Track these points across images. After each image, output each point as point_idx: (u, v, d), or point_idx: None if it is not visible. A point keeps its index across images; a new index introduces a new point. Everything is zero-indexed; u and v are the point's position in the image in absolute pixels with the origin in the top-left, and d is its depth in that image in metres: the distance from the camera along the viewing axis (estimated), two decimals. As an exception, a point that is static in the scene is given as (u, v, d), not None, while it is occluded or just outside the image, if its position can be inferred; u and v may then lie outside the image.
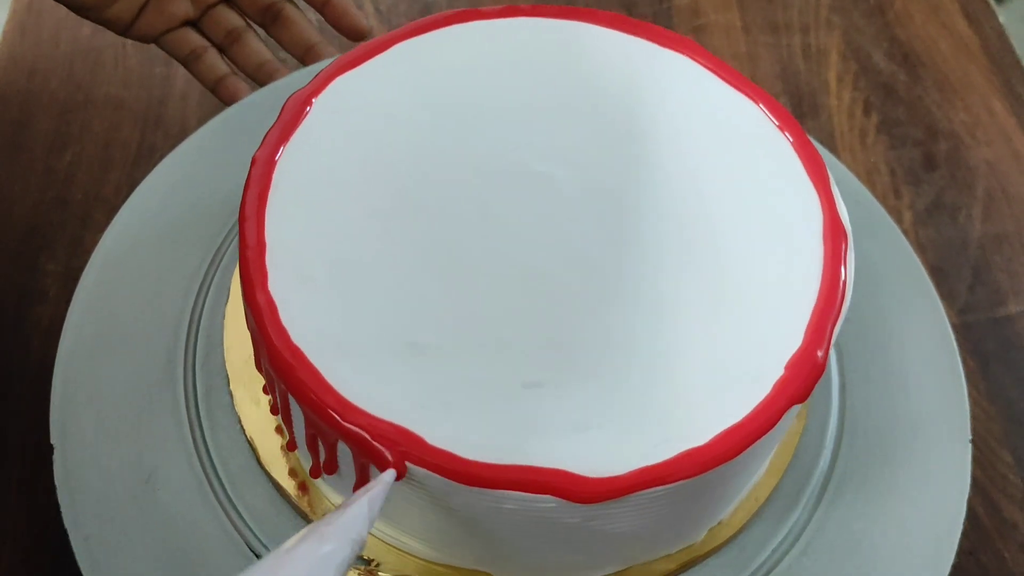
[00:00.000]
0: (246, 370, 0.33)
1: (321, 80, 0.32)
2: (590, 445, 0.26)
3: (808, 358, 0.27)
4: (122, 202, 0.37)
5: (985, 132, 0.53)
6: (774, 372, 0.27)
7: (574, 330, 0.28)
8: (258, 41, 0.47)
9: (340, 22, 0.47)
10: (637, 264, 0.29)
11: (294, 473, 0.32)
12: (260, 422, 0.32)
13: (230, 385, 0.33)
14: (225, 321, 0.34)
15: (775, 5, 0.58)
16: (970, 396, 0.35)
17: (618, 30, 0.34)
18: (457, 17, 0.34)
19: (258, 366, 0.30)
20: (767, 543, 0.32)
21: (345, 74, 0.32)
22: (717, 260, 0.29)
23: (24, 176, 0.48)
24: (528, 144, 0.31)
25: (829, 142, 0.52)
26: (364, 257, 0.28)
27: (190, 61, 0.47)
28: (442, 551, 0.30)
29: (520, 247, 0.29)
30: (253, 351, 0.30)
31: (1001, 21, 0.58)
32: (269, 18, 0.47)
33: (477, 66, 0.33)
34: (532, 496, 0.25)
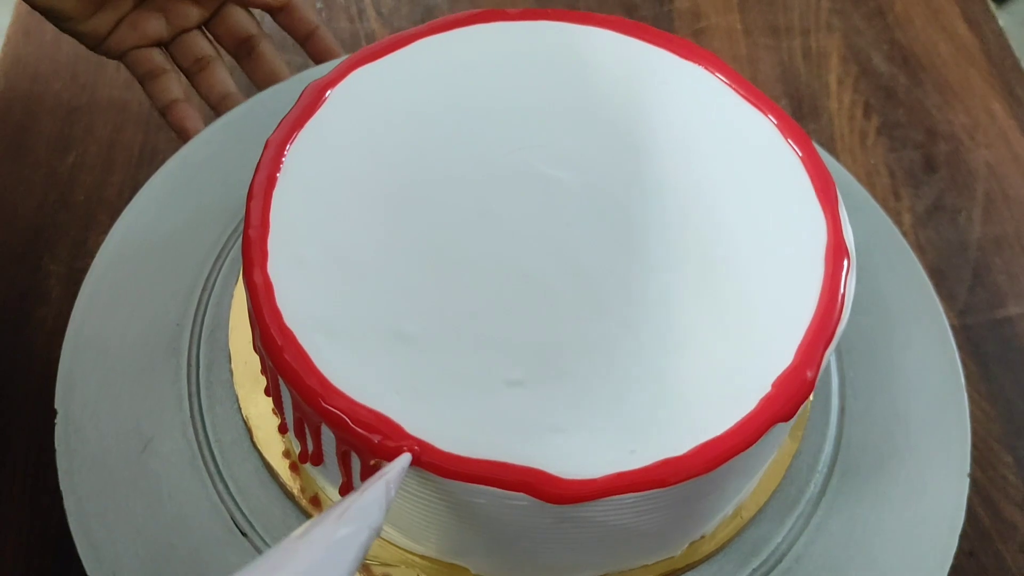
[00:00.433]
0: (248, 350, 0.33)
1: (341, 70, 0.32)
2: (566, 447, 0.26)
3: (797, 377, 0.27)
4: (125, 204, 0.37)
5: (985, 134, 0.53)
6: (761, 388, 0.27)
7: (562, 332, 0.28)
8: (225, 72, 0.47)
9: (321, 57, 0.47)
10: (633, 271, 0.29)
11: (287, 454, 0.32)
12: (257, 402, 0.33)
13: (231, 363, 0.34)
14: (233, 300, 0.35)
15: (776, 8, 0.58)
16: (970, 397, 0.35)
17: (634, 37, 0.34)
18: (481, 17, 0.34)
19: (255, 345, 0.30)
20: (766, 543, 0.32)
21: (365, 66, 0.33)
22: (715, 271, 0.29)
23: (27, 178, 0.49)
24: (537, 146, 0.31)
25: (829, 144, 0.52)
26: (364, 246, 0.29)
27: (146, 80, 0.46)
28: (420, 542, 0.30)
29: (518, 248, 0.29)
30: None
31: (1001, 24, 0.58)
32: (244, 51, 0.47)
33: (494, 66, 0.33)
34: (504, 492, 0.25)
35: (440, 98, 0.32)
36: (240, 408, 0.33)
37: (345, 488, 0.29)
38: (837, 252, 0.29)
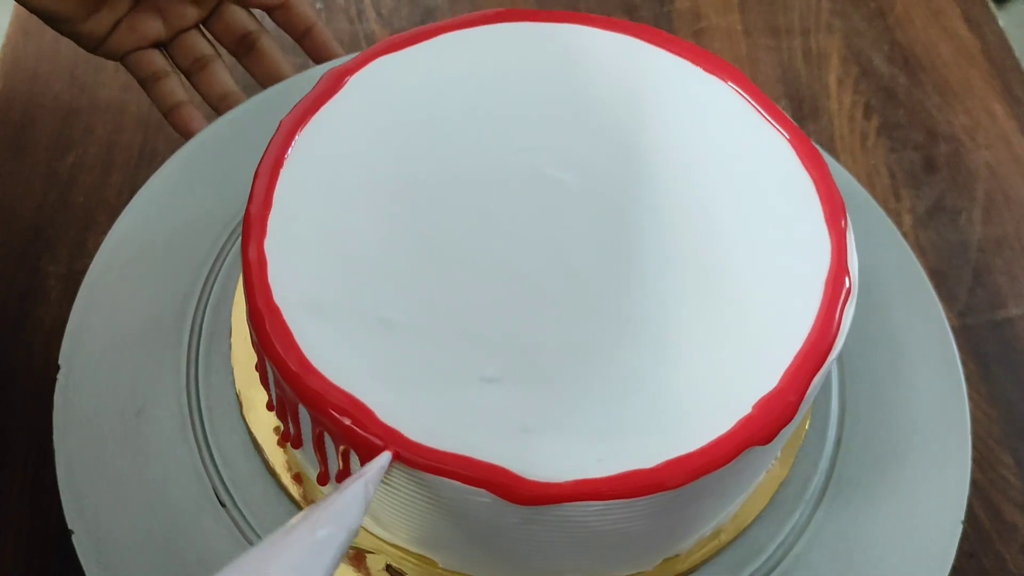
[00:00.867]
0: (246, 325, 0.34)
1: (362, 59, 0.33)
2: (535, 448, 0.26)
3: (779, 402, 0.26)
4: (124, 205, 0.37)
5: (985, 135, 0.53)
6: (741, 409, 0.26)
7: (546, 333, 0.28)
8: (225, 71, 0.47)
9: (319, 54, 0.47)
10: (627, 278, 0.29)
11: (277, 431, 0.32)
12: (251, 377, 0.33)
13: (231, 336, 0.34)
14: (241, 275, 0.35)
15: (776, 8, 0.58)
16: (970, 398, 0.35)
17: (657, 46, 0.34)
18: (507, 16, 0.34)
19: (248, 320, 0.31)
20: (768, 543, 0.32)
21: (386, 56, 0.33)
22: (711, 285, 0.29)
23: (27, 178, 0.48)
24: (542, 148, 0.31)
25: (829, 145, 0.52)
26: (362, 233, 0.29)
27: (149, 83, 0.46)
28: (390, 530, 0.30)
29: (513, 247, 0.29)
30: None
31: (1001, 25, 0.58)
32: (243, 48, 0.47)
33: (510, 64, 0.33)
34: (467, 488, 0.25)
35: (453, 94, 0.32)
36: (234, 381, 0.33)
37: (322, 477, 0.29)
38: (838, 279, 0.29)
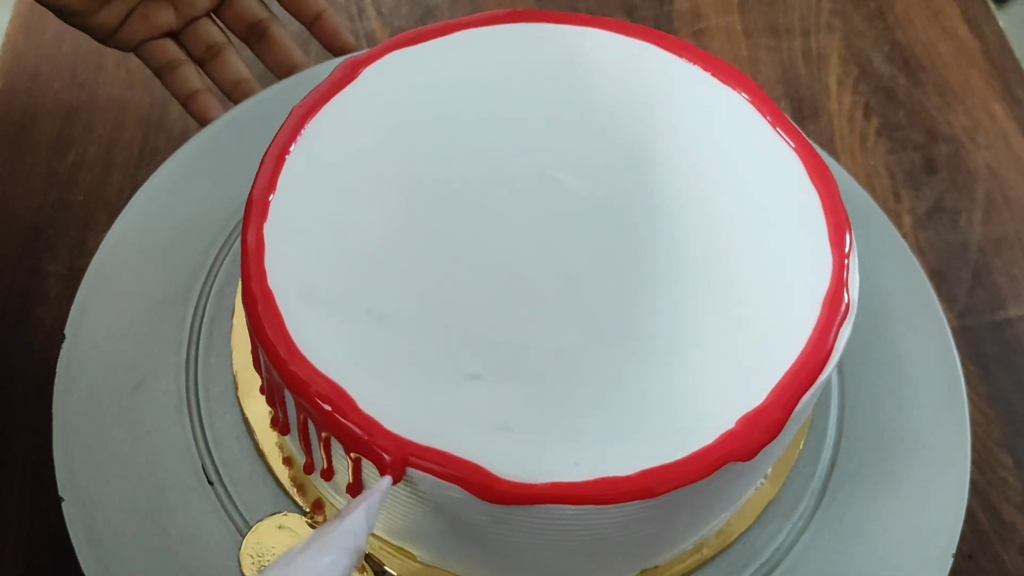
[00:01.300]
0: None
1: (378, 51, 0.33)
2: (512, 447, 0.26)
3: (764, 419, 0.26)
4: (124, 203, 0.37)
5: (985, 136, 0.53)
6: (724, 423, 0.26)
7: (534, 334, 0.28)
8: (238, 58, 0.47)
9: (330, 40, 0.47)
10: (623, 283, 0.29)
11: (272, 414, 0.32)
12: (249, 359, 0.33)
13: (233, 317, 0.34)
14: None
15: (776, 9, 0.58)
16: (969, 399, 0.35)
17: (671, 52, 0.34)
18: (523, 16, 0.34)
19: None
20: (769, 540, 0.32)
21: (402, 49, 0.33)
22: (707, 297, 0.29)
23: (27, 177, 0.48)
24: (549, 149, 0.31)
25: (829, 145, 0.52)
26: (361, 224, 0.29)
27: (164, 73, 0.46)
28: None
29: (511, 247, 0.29)
30: None
31: (1001, 25, 0.58)
32: (254, 36, 0.47)
33: (524, 66, 0.33)
34: (440, 482, 0.25)
35: (464, 91, 0.33)
36: (232, 362, 0.33)
37: (308, 467, 0.30)
38: (835, 299, 0.28)
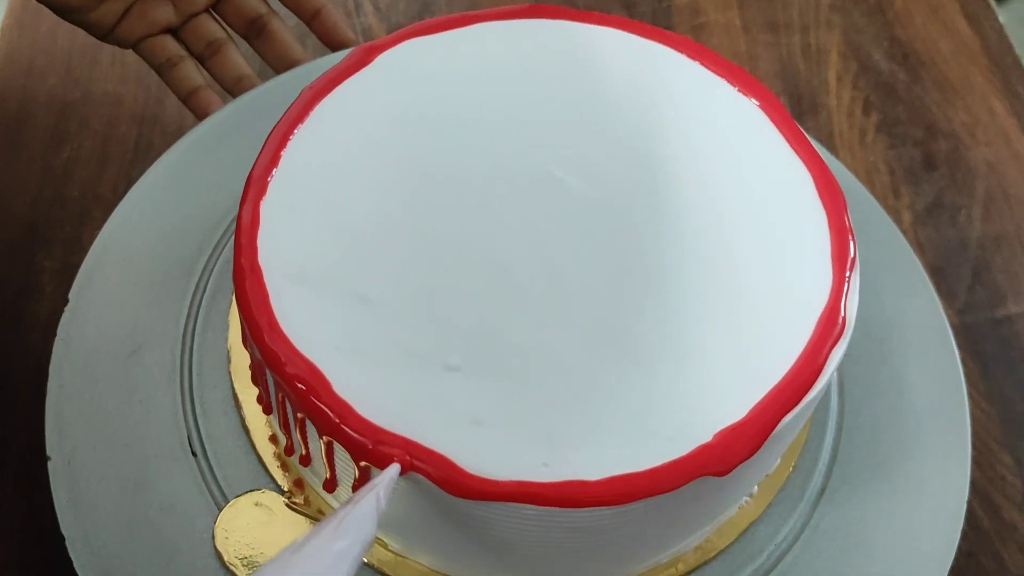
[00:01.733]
0: None
1: (395, 37, 0.33)
2: (482, 442, 0.25)
3: (741, 435, 0.26)
4: (119, 199, 0.37)
5: (985, 132, 0.53)
6: (701, 436, 0.26)
7: (517, 331, 0.28)
8: (238, 54, 0.47)
9: (329, 36, 0.47)
10: (613, 285, 0.29)
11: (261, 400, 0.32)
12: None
13: (233, 295, 0.34)
14: None
15: (775, 4, 0.58)
16: (969, 397, 0.35)
17: (695, 60, 0.34)
18: (543, 12, 0.34)
19: None
20: (776, 534, 0.32)
21: (418, 37, 0.33)
22: (699, 307, 0.28)
23: (22, 173, 0.48)
24: (552, 147, 0.31)
25: (828, 141, 0.52)
26: (358, 209, 0.30)
27: (164, 69, 0.46)
28: (341, 497, 0.30)
29: (504, 243, 0.29)
30: None
31: (1001, 21, 0.58)
32: (254, 31, 0.47)
33: (538, 62, 0.33)
34: (409, 472, 0.25)
35: (474, 84, 0.33)
36: (227, 338, 0.34)
37: (288, 448, 0.30)
38: (830, 320, 0.28)
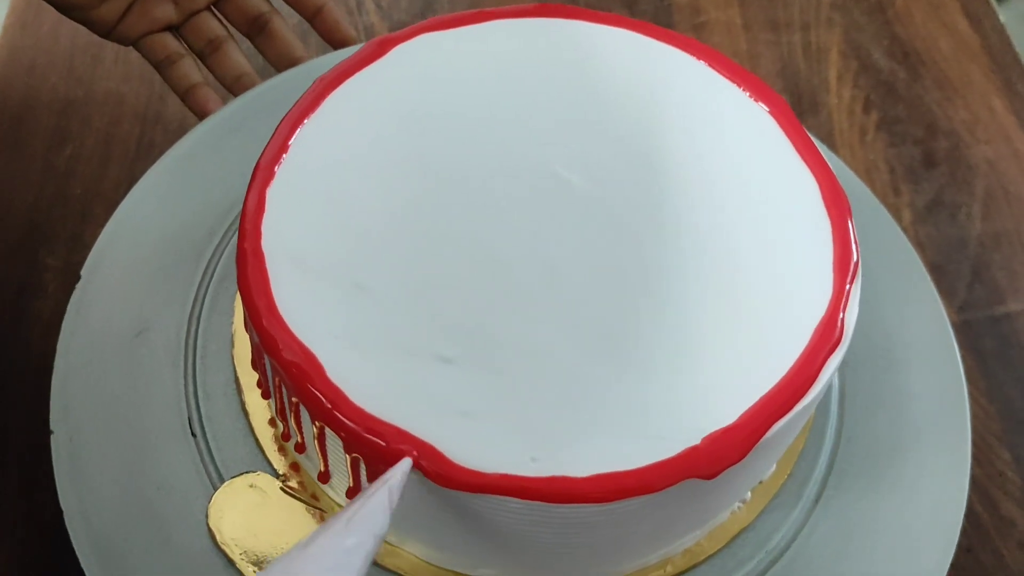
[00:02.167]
0: None
1: (411, 31, 0.33)
2: (471, 434, 0.26)
3: (729, 439, 0.26)
4: (122, 197, 0.37)
5: (985, 130, 0.53)
6: (690, 438, 0.26)
7: (512, 326, 0.28)
8: (239, 52, 0.47)
9: (331, 34, 0.47)
10: (610, 287, 0.29)
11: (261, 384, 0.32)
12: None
13: None
14: None
15: (776, 3, 0.58)
16: (969, 394, 0.35)
17: (709, 65, 0.34)
18: (561, 11, 0.34)
19: None
20: (767, 538, 0.32)
21: (433, 32, 0.33)
22: (696, 310, 0.28)
23: (24, 171, 0.48)
24: (558, 145, 0.31)
25: (829, 140, 0.52)
26: (362, 199, 0.30)
27: (164, 66, 0.46)
28: (336, 490, 0.30)
29: (505, 239, 0.29)
30: None
31: (1001, 20, 0.58)
32: (255, 29, 0.47)
33: (551, 61, 0.33)
34: (395, 460, 0.25)
35: (487, 80, 0.33)
36: (233, 321, 0.34)
37: (285, 434, 0.30)
38: (827, 330, 0.28)
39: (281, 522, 0.31)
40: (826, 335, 0.28)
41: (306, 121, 0.31)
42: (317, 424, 0.27)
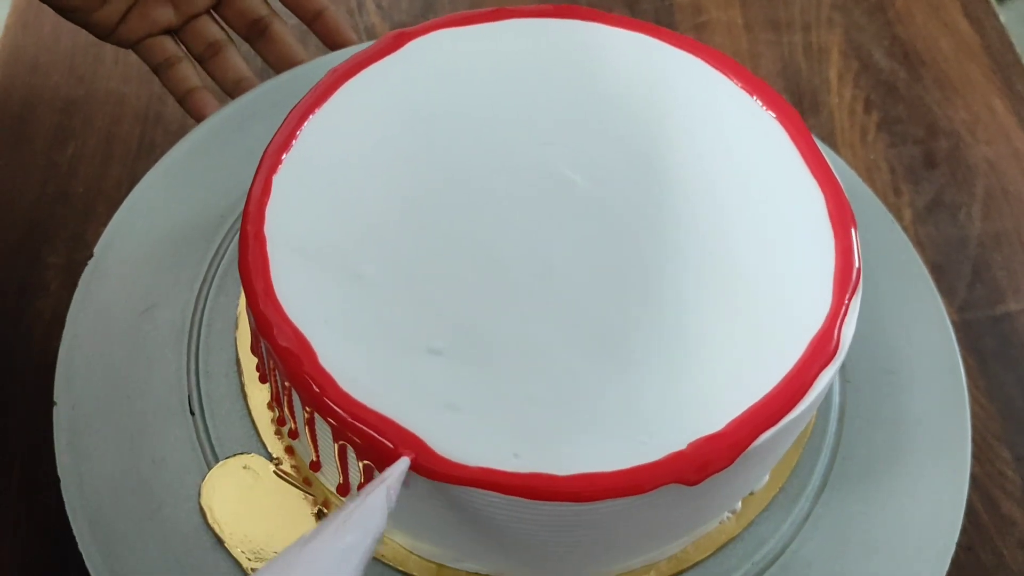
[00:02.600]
0: None
1: (427, 26, 0.34)
2: (456, 427, 0.26)
3: (715, 446, 0.25)
4: (124, 196, 0.37)
5: (985, 130, 0.53)
6: (676, 443, 0.25)
7: (506, 322, 0.28)
8: (238, 56, 0.47)
9: (331, 37, 0.47)
10: (606, 286, 0.29)
11: (259, 368, 0.33)
12: None
13: None
14: None
15: (777, 3, 0.58)
16: (969, 393, 0.35)
17: (718, 69, 0.34)
18: (576, 13, 0.34)
19: None
20: (769, 534, 0.32)
21: (450, 28, 0.34)
22: (695, 314, 0.28)
23: (26, 170, 0.48)
24: (561, 144, 0.31)
25: (829, 139, 0.52)
26: (366, 190, 0.30)
27: (162, 69, 0.46)
28: (325, 477, 0.30)
29: (504, 235, 0.30)
30: None
31: (1002, 20, 0.58)
32: (255, 33, 0.47)
33: (562, 61, 0.33)
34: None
35: (497, 77, 0.33)
36: (238, 303, 0.34)
37: (280, 419, 0.30)
38: (822, 343, 0.27)
39: (272, 505, 0.31)
40: (821, 348, 0.27)
41: (316, 112, 0.31)
42: (307, 410, 0.27)
